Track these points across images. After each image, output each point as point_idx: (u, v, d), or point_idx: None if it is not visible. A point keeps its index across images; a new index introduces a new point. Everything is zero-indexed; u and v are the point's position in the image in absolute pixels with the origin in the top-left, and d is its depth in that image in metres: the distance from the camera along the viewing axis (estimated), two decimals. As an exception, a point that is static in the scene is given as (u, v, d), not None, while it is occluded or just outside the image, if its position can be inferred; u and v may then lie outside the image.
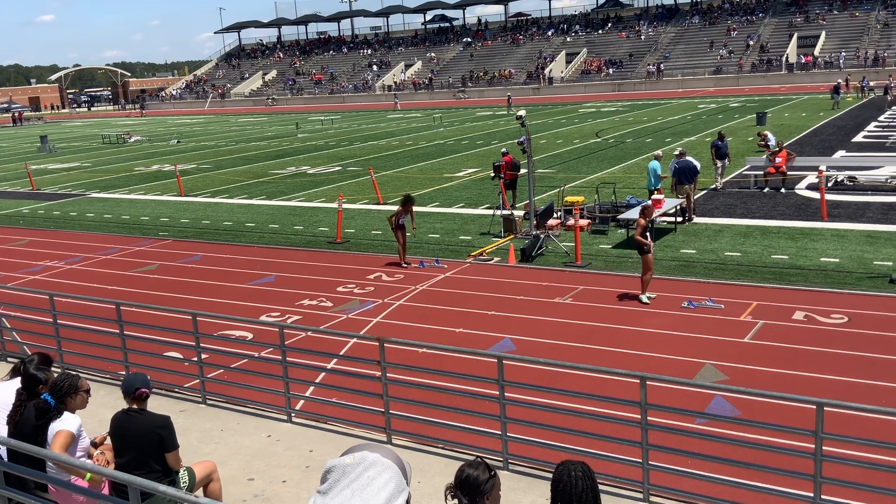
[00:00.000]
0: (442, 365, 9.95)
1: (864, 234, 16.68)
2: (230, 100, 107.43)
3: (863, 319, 11.60)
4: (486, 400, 8.11)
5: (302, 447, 8.41)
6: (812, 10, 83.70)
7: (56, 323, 10.99)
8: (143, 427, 6.12)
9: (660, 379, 8.18)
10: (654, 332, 11.63)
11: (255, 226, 21.71)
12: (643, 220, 12.91)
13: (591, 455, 7.35)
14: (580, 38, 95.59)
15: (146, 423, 6.15)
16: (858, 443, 7.24)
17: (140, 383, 6.27)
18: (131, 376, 6.47)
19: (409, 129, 51.30)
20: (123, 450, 6.17)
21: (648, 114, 51.29)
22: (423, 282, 14.97)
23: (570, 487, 3.94)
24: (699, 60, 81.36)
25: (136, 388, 6.22)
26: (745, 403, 8.91)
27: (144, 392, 6.25)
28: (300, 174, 32.04)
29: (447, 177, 28.58)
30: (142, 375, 6.43)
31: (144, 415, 6.22)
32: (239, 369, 10.23)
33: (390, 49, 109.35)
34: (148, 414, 6.25)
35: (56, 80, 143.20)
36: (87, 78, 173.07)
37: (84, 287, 15.91)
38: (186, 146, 49.36)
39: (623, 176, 25.83)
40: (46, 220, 24.79)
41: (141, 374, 6.56)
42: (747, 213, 19.51)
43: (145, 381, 6.33)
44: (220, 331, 12.10)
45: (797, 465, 6.85)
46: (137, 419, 6.17)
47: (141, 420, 6.17)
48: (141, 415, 6.20)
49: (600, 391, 8.62)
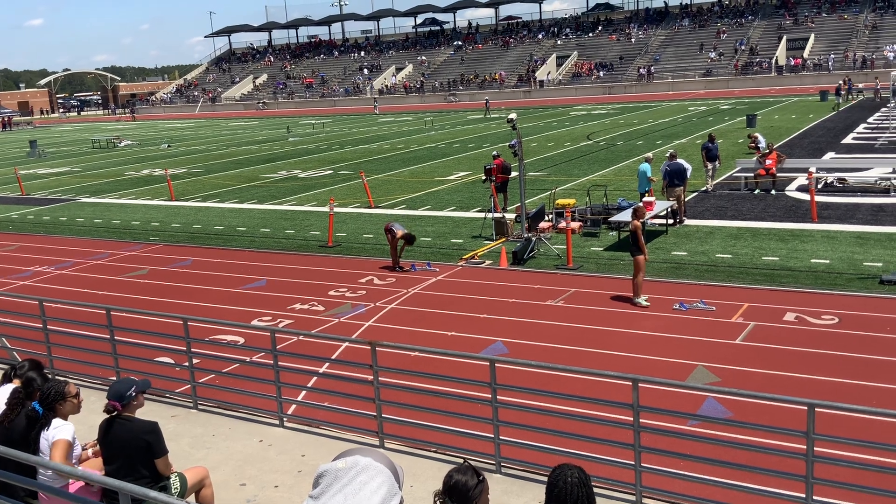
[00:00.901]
0: (434, 368, 9.94)
1: (854, 235, 16.75)
2: (221, 104, 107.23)
3: (853, 320, 11.65)
4: (478, 403, 8.11)
5: (294, 452, 8.39)
6: (801, 13, 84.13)
7: (46, 329, 10.93)
8: (130, 433, 6.09)
9: (652, 381, 8.20)
10: (646, 334, 11.65)
11: (247, 230, 21.67)
12: (637, 221, 12.92)
13: (583, 458, 7.36)
14: (570, 40, 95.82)
15: (133, 429, 6.12)
16: (849, 443, 7.27)
17: (124, 389, 6.25)
18: (119, 383, 6.45)
19: (401, 133, 51.30)
20: (112, 456, 6.14)
21: (639, 116, 51.43)
22: (415, 285, 14.96)
23: (566, 494, 3.94)
24: (689, 63, 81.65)
25: (108, 399, 6.19)
26: (737, 405, 8.93)
27: (111, 405, 6.17)
28: (291, 178, 32.00)
29: (438, 180, 28.58)
30: (127, 381, 6.40)
31: (132, 421, 6.19)
32: (230, 374, 10.21)
33: (381, 53, 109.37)
34: (135, 420, 6.22)
35: (45, 85, 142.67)
36: (77, 82, 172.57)
37: (74, 292, 15.84)
38: (177, 150, 49.23)
39: (614, 178, 25.88)
40: (36, 226, 24.68)
41: (127, 379, 6.54)
42: (738, 214, 19.57)
43: (128, 386, 6.30)
44: (212, 335, 12.07)
45: (789, 465, 6.87)
46: (125, 426, 6.14)
47: (128, 427, 6.14)
48: (129, 422, 6.18)
49: (593, 393, 8.62)
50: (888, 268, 14.06)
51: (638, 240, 12.82)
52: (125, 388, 6.24)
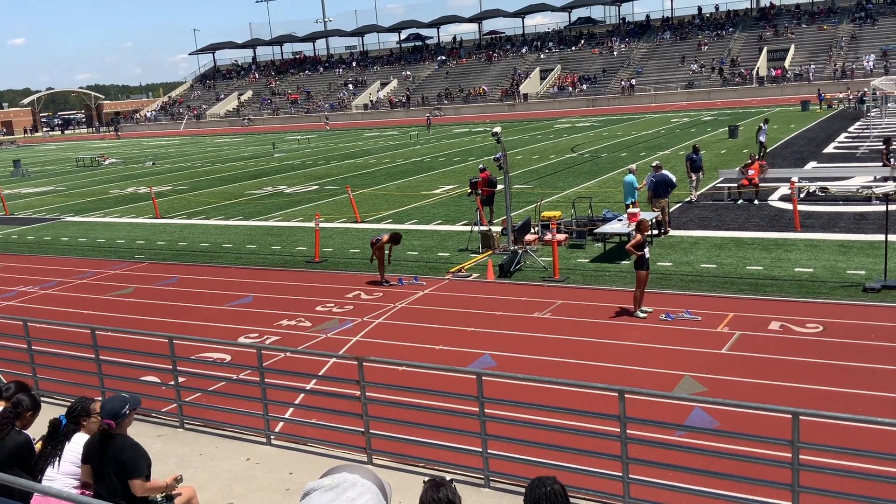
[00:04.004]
0: (422, 383, 9.92)
1: (837, 243, 16.89)
2: (206, 121, 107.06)
3: (837, 328, 11.73)
4: (466, 417, 8.10)
5: (282, 469, 8.35)
6: (781, 24, 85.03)
7: (31, 349, 10.85)
8: (123, 452, 6.07)
9: (639, 392, 8.23)
10: (632, 345, 11.69)
11: (233, 247, 21.61)
12: (639, 235, 12.92)
13: (571, 470, 7.37)
14: (554, 54, 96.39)
15: (115, 447, 6.09)
16: (835, 451, 7.31)
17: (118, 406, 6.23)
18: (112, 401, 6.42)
19: (386, 147, 51.37)
20: (103, 475, 6.11)
21: (622, 128, 51.75)
22: (402, 299, 14.96)
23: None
24: (671, 75, 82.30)
25: (101, 417, 6.20)
26: (724, 414, 8.96)
27: (105, 425, 6.18)
28: (277, 194, 31.96)
29: (424, 194, 28.63)
30: (121, 398, 6.38)
31: (124, 439, 6.16)
32: (217, 392, 10.15)
33: (366, 68, 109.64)
34: (128, 439, 6.20)
35: (29, 104, 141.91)
36: (61, 101, 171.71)
37: (59, 312, 15.73)
38: (162, 168, 49.09)
39: (599, 190, 26.01)
40: (20, 245, 24.52)
41: (120, 396, 6.52)
42: (722, 224, 19.71)
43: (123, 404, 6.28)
44: (198, 353, 12.01)
45: (775, 474, 6.90)
46: (117, 444, 6.10)
47: (120, 445, 6.10)
48: (121, 439, 6.15)
49: (580, 405, 8.64)
50: (871, 276, 14.18)
51: (628, 249, 12.88)
52: (120, 406, 6.14)
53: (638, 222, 13.29)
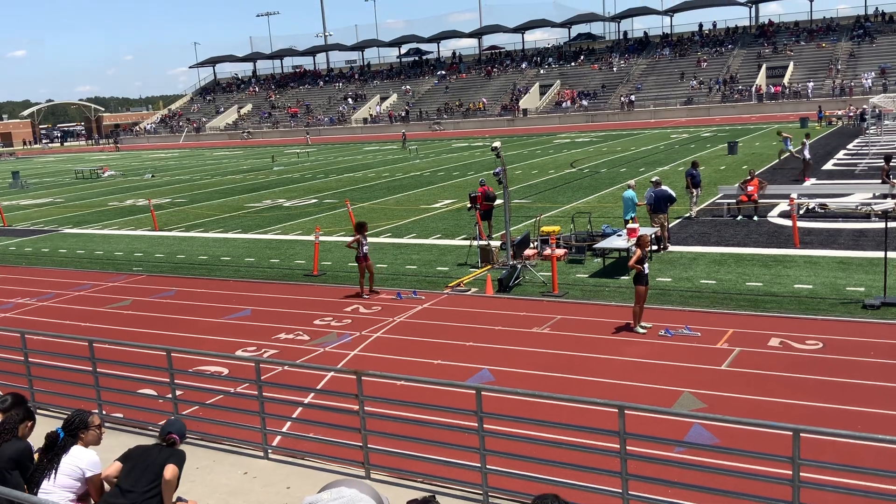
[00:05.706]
0: (420, 397, 9.88)
1: (837, 260, 16.89)
2: (205, 133, 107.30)
3: (837, 345, 11.71)
4: (464, 432, 8.06)
5: (279, 484, 8.30)
6: (780, 41, 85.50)
7: (28, 361, 10.81)
8: (160, 463, 6.59)
9: (638, 408, 8.19)
10: (631, 360, 11.66)
11: (231, 259, 21.58)
12: (640, 250, 12.91)
13: (571, 486, 7.33)
14: (553, 70, 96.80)
15: (169, 456, 6.68)
16: (835, 468, 7.28)
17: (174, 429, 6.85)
18: (179, 422, 7.05)
19: (386, 161, 51.46)
20: (137, 481, 6.44)
21: (622, 144, 51.88)
22: (401, 313, 14.93)
23: None
24: (670, 91, 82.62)
25: (167, 432, 6.77)
26: (724, 431, 8.93)
27: (172, 437, 6.76)
28: (276, 207, 31.97)
29: (423, 208, 28.65)
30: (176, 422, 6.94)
31: (175, 451, 6.82)
32: (214, 405, 10.11)
33: (366, 82, 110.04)
34: (176, 451, 6.82)
35: (28, 116, 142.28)
36: (60, 113, 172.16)
37: (56, 324, 15.69)
38: (161, 180, 49.14)
39: (598, 205, 26.04)
40: (18, 257, 24.49)
41: (181, 420, 7.17)
42: (721, 240, 19.71)
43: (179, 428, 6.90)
44: (195, 366, 11.97)
45: (776, 491, 6.86)
46: (160, 453, 6.70)
47: (167, 453, 6.70)
48: (172, 451, 6.75)
49: (579, 421, 8.61)
50: (870, 292, 14.17)
51: (631, 265, 12.87)
52: (185, 428, 7.06)
53: (638, 238, 13.28)
